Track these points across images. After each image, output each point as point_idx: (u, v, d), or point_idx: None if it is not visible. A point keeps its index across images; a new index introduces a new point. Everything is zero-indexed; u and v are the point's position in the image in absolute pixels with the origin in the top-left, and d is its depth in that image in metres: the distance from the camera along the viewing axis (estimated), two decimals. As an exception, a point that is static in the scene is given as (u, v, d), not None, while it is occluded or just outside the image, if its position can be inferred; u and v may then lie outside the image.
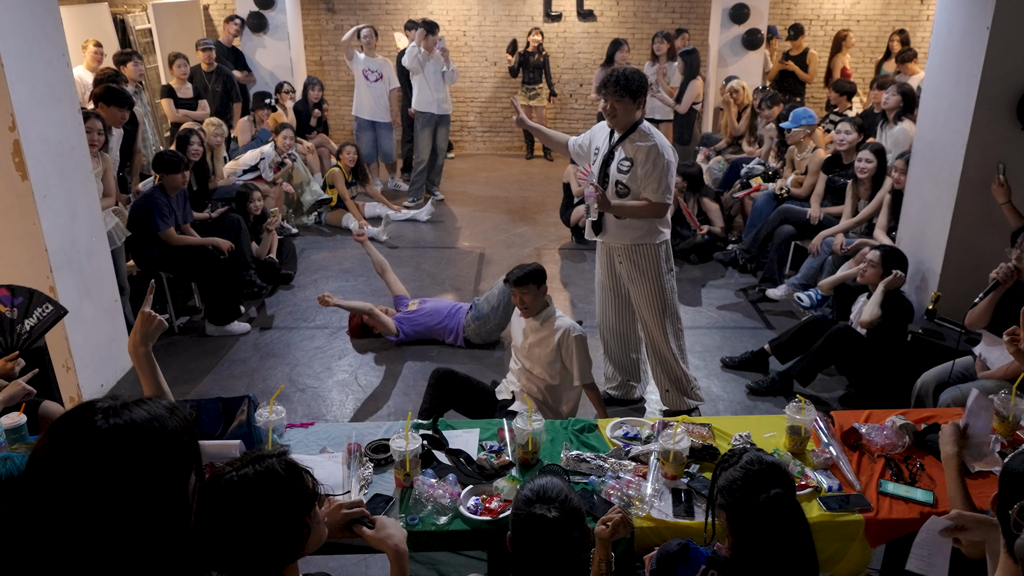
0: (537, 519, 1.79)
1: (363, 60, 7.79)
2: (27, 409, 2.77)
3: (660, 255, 3.74)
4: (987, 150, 3.97)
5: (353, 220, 6.98)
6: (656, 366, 3.96)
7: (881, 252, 4.06)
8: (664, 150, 3.54)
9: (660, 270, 3.76)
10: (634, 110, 3.54)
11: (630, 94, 3.48)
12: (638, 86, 3.50)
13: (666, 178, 3.53)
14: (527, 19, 9.73)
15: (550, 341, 3.52)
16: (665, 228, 3.76)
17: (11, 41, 3.50)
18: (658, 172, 3.52)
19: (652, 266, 3.75)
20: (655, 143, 3.54)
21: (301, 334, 5.01)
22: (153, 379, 1.97)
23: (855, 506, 2.38)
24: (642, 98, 3.55)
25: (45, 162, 3.76)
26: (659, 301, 3.79)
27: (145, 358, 1.97)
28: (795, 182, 6.07)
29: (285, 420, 2.82)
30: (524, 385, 3.61)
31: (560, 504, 1.81)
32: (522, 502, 1.85)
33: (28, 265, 3.77)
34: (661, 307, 3.80)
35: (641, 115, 3.62)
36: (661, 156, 3.51)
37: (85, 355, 4.08)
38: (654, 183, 3.54)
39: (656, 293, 3.78)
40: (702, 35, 9.71)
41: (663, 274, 3.77)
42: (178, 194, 4.98)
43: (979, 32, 3.87)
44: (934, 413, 2.94)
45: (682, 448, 2.48)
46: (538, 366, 3.58)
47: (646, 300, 3.81)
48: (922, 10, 9.67)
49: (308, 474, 1.63)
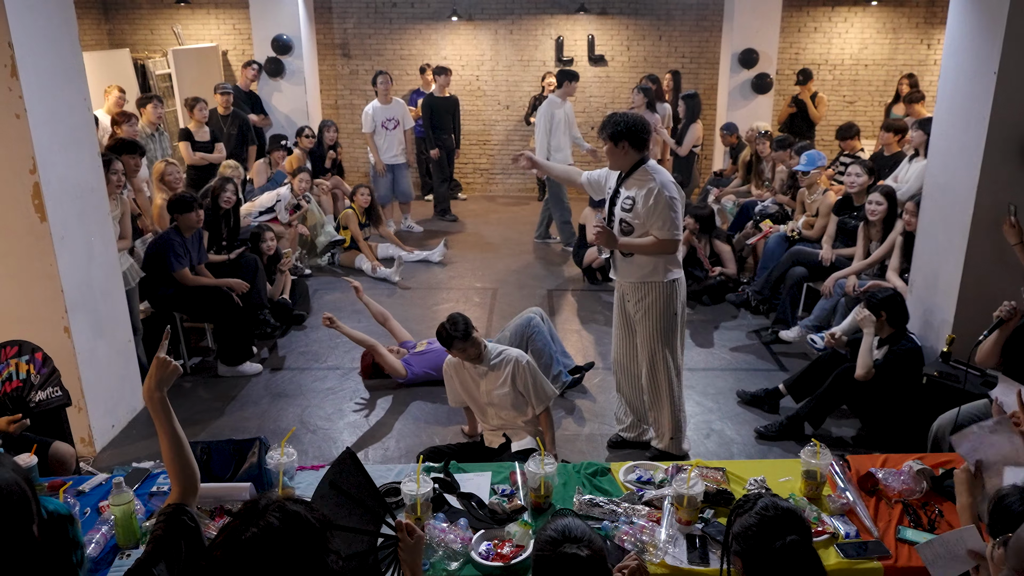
0: (570, 559, 1.74)
1: (381, 110, 7.97)
2: (38, 450, 2.79)
3: (668, 294, 3.70)
4: (997, 192, 3.98)
5: (366, 261, 7.03)
6: (652, 407, 3.91)
7: (866, 302, 3.97)
8: (666, 187, 3.54)
9: (667, 309, 3.72)
10: (632, 153, 3.57)
11: (619, 139, 3.53)
12: (623, 131, 3.52)
13: (670, 214, 3.53)
14: (539, 64, 9.90)
15: (504, 378, 3.55)
16: (675, 267, 3.72)
17: (35, 86, 3.60)
18: (660, 209, 3.52)
19: (658, 304, 3.71)
20: (656, 181, 3.55)
21: (313, 375, 5.02)
22: (168, 425, 1.97)
23: (873, 553, 2.34)
24: (627, 145, 3.54)
25: (64, 204, 3.83)
26: (660, 339, 3.75)
27: (160, 403, 1.97)
28: (806, 224, 6.08)
29: (296, 462, 2.81)
30: (510, 434, 3.63)
31: (588, 543, 1.78)
32: (547, 543, 1.80)
33: (44, 305, 3.81)
34: (662, 345, 3.75)
35: (645, 155, 3.64)
36: (662, 193, 3.52)
37: (97, 395, 4.09)
38: (659, 220, 3.54)
39: (659, 331, 3.74)
40: (711, 79, 9.84)
41: (669, 314, 3.73)
42: (193, 235, 5.03)
43: (987, 76, 3.90)
44: (952, 458, 2.89)
45: (696, 493, 2.45)
46: (504, 409, 3.60)
47: (649, 337, 3.77)
48: (929, 54, 9.78)
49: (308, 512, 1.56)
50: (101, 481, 2.81)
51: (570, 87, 7.46)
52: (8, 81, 3.49)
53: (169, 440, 1.96)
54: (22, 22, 3.51)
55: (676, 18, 9.76)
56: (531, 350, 4.48)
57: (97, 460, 4.00)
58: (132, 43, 9.79)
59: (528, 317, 4.67)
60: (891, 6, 9.62)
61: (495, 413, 3.66)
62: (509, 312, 5.85)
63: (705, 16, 9.72)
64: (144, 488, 2.77)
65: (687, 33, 9.81)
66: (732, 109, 9.10)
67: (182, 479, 1.95)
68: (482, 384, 3.63)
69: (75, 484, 2.77)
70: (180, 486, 1.94)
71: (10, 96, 3.51)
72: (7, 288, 3.80)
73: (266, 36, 9.02)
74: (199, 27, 9.92)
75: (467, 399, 3.77)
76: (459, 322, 3.53)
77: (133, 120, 6.09)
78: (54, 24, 3.76)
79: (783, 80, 9.58)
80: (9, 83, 3.49)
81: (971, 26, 4.09)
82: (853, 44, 9.79)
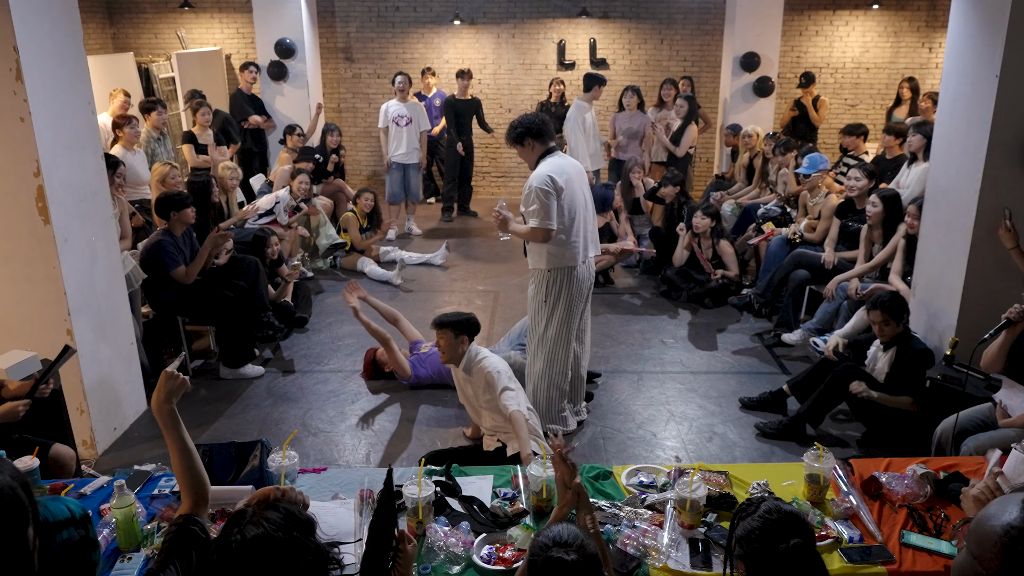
0: (556, 562, 1.76)
1: (395, 107, 8.05)
2: (39, 453, 2.79)
3: (545, 282, 3.96)
4: (1000, 195, 3.98)
5: (369, 263, 7.04)
6: (527, 385, 4.13)
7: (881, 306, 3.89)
8: (536, 179, 3.80)
9: (539, 296, 4.01)
10: (537, 146, 3.92)
11: (522, 139, 3.91)
12: (523, 131, 3.90)
13: (539, 204, 3.77)
14: (541, 68, 9.91)
15: (481, 382, 3.62)
16: (556, 258, 3.91)
17: (40, 90, 3.61)
18: (531, 199, 3.80)
19: (537, 292, 4.03)
20: (536, 173, 3.85)
21: (315, 377, 5.02)
22: (177, 436, 1.97)
23: (877, 558, 2.33)
24: (531, 140, 3.91)
25: (68, 207, 3.83)
26: (537, 327, 4.05)
27: (169, 416, 1.98)
28: (808, 227, 6.08)
29: (298, 465, 2.81)
30: (503, 439, 3.65)
31: (578, 549, 1.79)
32: (539, 547, 1.82)
33: (47, 308, 3.82)
34: (539, 333, 4.05)
35: (551, 146, 3.94)
36: (532, 185, 3.80)
37: (99, 398, 4.09)
38: (532, 211, 3.82)
39: (534, 319, 4.07)
40: (713, 83, 9.85)
41: (541, 301, 4.01)
42: (184, 233, 5.01)
43: (988, 80, 3.90)
44: (956, 462, 2.88)
45: (699, 496, 2.45)
46: (487, 412, 3.66)
47: (531, 323, 4.12)
48: (931, 58, 9.78)
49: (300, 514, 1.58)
50: (103, 484, 2.81)
51: (598, 91, 7.39)
52: (13, 85, 3.50)
53: (179, 453, 1.97)
54: (27, 26, 3.52)
55: (678, 22, 9.77)
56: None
57: (99, 463, 4.00)
58: (136, 47, 9.82)
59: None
60: (892, 10, 9.62)
61: (488, 416, 3.71)
62: (511, 315, 5.85)
63: (706, 20, 9.73)
64: (146, 491, 2.77)
65: (688, 37, 9.82)
66: (733, 112, 9.11)
67: (192, 491, 1.96)
68: (467, 388, 3.75)
69: (76, 487, 2.77)
70: (191, 498, 1.96)
71: (15, 99, 3.52)
72: (10, 291, 3.80)
73: (269, 40, 9.04)
74: (203, 31, 9.95)
75: (464, 400, 3.85)
76: (464, 323, 3.73)
77: (134, 122, 6.08)
78: (59, 28, 3.77)
79: (785, 83, 9.59)
80: (14, 87, 3.50)
81: (972, 29, 4.09)
82: (855, 48, 9.79)
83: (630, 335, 5.69)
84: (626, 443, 4.19)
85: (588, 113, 7.38)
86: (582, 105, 7.37)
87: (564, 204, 3.83)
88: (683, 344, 5.53)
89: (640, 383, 4.91)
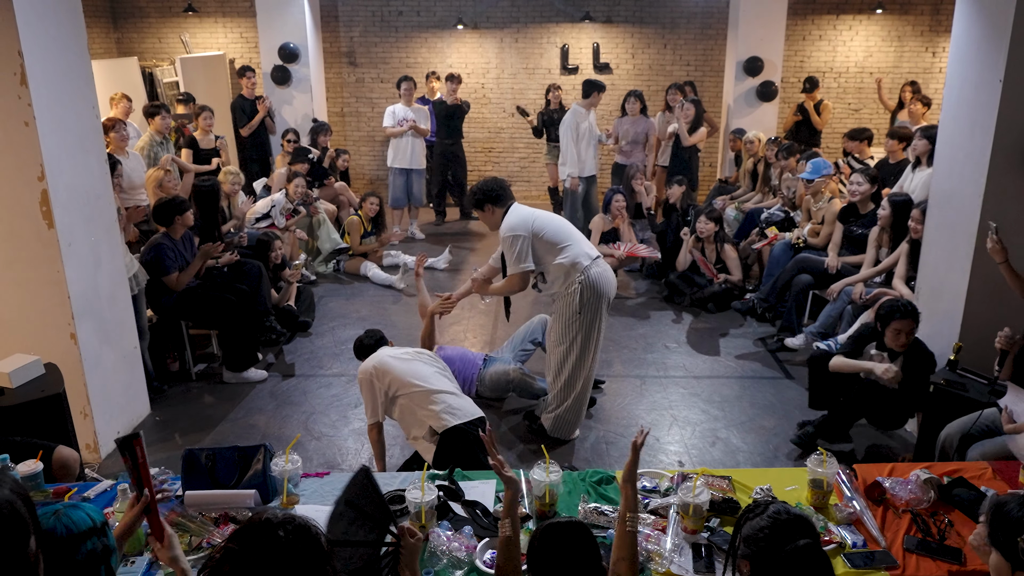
0: (552, 527, 1.89)
1: (401, 110, 8.07)
2: (42, 456, 2.79)
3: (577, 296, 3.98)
4: (1003, 200, 3.96)
5: (372, 267, 7.05)
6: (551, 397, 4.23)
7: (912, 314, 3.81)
8: (503, 230, 3.99)
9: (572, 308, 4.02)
10: (497, 210, 4.06)
11: (482, 205, 4.08)
12: (481, 197, 4.08)
13: (511, 251, 3.97)
14: (544, 71, 9.92)
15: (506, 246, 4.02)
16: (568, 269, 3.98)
17: (44, 94, 3.62)
18: (506, 250, 4.02)
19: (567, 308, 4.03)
20: (501, 228, 4.01)
21: (318, 382, 5.02)
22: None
23: (881, 563, 2.32)
24: (490, 205, 4.07)
25: (72, 211, 3.84)
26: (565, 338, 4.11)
27: (178, 562, 2.04)
28: (811, 232, 6.07)
29: (300, 470, 2.81)
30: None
31: (574, 521, 1.93)
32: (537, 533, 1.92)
33: (51, 311, 3.83)
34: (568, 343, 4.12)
35: (508, 204, 4.07)
36: (502, 237, 4.01)
37: (103, 401, 4.10)
38: (510, 262, 4.01)
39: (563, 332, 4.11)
40: (716, 87, 9.85)
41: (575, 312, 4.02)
42: (183, 236, 5.01)
43: (992, 84, 3.90)
44: (960, 467, 2.88)
45: (702, 501, 2.44)
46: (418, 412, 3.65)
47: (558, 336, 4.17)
48: (934, 62, 9.78)
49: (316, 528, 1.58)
50: (106, 487, 2.81)
51: (597, 98, 7.33)
52: (17, 89, 3.51)
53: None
54: (32, 30, 3.54)
55: (681, 26, 9.78)
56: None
57: (102, 466, 4.00)
58: (140, 51, 9.85)
59: (535, 326, 4.67)
60: (896, 14, 9.62)
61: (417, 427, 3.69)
62: (514, 320, 5.84)
63: (710, 24, 9.73)
64: (149, 495, 2.77)
65: (692, 41, 9.83)
66: (737, 117, 9.11)
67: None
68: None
69: (80, 490, 2.78)
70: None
71: (19, 104, 3.53)
72: (14, 294, 3.81)
73: (273, 44, 9.07)
74: (207, 35, 9.98)
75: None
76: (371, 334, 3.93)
77: (119, 126, 5.93)
78: (63, 32, 3.79)
79: (788, 88, 9.59)
80: (19, 91, 3.52)
81: (976, 34, 4.09)
82: (858, 52, 9.79)
83: (633, 339, 5.68)
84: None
85: (585, 120, 7.33)
86: (579, 111, 7.33)
87: (539, 232, 3.98)
88: (686, 348, 5.52)
89: (643, 388, 4.90)
